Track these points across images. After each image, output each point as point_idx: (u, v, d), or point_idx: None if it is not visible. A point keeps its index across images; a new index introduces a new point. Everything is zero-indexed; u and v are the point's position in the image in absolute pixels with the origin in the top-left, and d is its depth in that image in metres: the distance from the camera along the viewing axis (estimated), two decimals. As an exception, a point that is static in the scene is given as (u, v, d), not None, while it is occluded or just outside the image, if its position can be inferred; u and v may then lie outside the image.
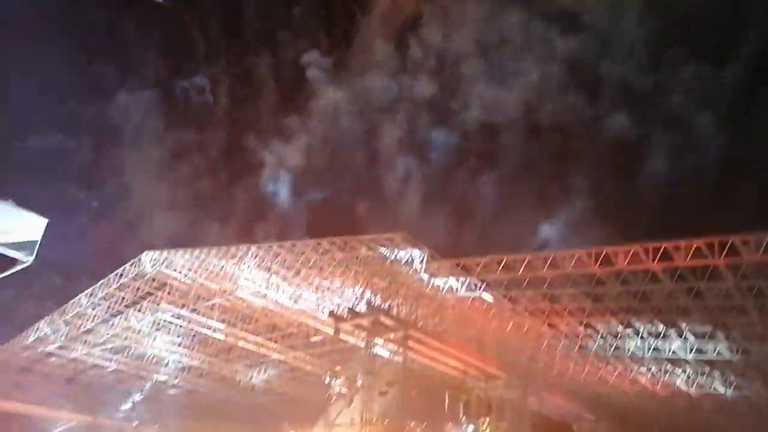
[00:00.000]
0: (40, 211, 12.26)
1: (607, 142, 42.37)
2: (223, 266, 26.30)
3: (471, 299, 25.38)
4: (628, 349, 25.92)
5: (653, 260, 18.27)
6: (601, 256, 19.15)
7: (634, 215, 38.66)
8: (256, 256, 25.44)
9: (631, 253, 18.53)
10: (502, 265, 21.44)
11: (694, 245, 17.26)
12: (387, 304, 25.07)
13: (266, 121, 50.65)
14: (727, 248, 16.81)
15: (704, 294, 19.75)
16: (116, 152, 47.15)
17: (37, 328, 30.91)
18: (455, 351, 26.43)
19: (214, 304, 29.19)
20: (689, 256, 17.48)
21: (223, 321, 30.34)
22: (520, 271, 21.21)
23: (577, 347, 27.12)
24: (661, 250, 17.90)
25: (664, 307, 21.52)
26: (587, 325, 25.00)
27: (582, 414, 34.88)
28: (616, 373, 29.64)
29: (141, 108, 46.29)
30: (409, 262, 23.39)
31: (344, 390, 27.50)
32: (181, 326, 30.75)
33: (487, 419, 28.93)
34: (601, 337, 25.57)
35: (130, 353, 34.13)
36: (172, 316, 29.36)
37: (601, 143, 43.24)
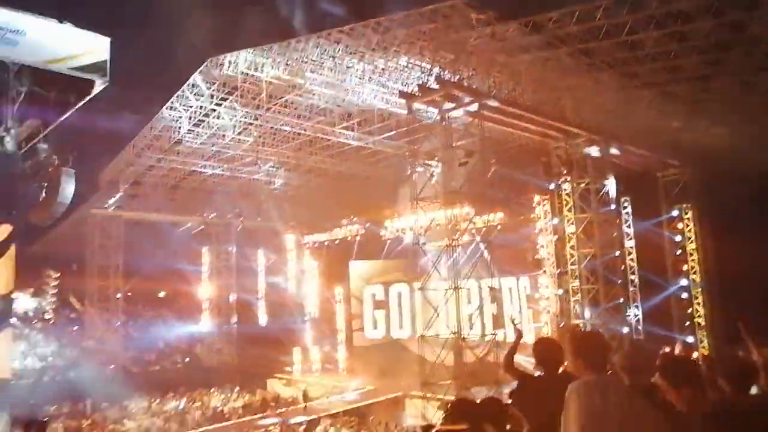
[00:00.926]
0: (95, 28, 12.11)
1: None
2: (287, 61, 26.13)
3: (546, 59, 24.23)
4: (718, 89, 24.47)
5: (752, -18, 16.19)
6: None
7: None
8: (317, 46, 24.95)
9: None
10: (575, 16, 19.90)
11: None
12: (458, 77, 24.52)
13: None
14: None
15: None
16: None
17: (133, 145, 33.23)
18: (532, 114, 26.08)
19: (287, 100, 29.77)
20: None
21: (298, 117, 31.11)
22: (597, 19, 19.68)
23: (661, 93, 25.90)
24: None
25: (765, 35, 19.41)
26: (672, 70, 23.45)
27: (667, 162, 34.55)
28: (702, 116, 28.41)
29: None
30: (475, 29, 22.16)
31: (425, 166, 28.47)
32: (261, 125, 31.88)
33: (569, 177, 29.49)
34: (687, 79, 24.05)
35: (220, 157, 36.38)
36: (250, 117, 30.34)
37: None
